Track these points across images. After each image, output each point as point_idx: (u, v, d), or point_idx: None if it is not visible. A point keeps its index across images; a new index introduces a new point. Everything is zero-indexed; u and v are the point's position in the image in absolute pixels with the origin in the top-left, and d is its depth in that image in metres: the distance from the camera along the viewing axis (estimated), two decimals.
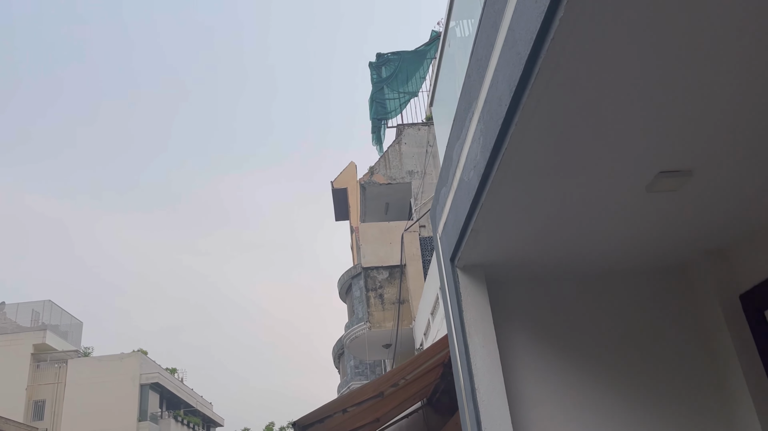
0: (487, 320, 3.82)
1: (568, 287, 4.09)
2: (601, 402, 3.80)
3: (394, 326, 15.66)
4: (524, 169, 2.83)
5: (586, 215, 3.36)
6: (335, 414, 7.54)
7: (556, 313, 4.02)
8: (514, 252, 3.77)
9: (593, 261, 3.98)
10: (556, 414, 3.76)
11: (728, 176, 3.06)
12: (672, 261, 4.08)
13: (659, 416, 3.76)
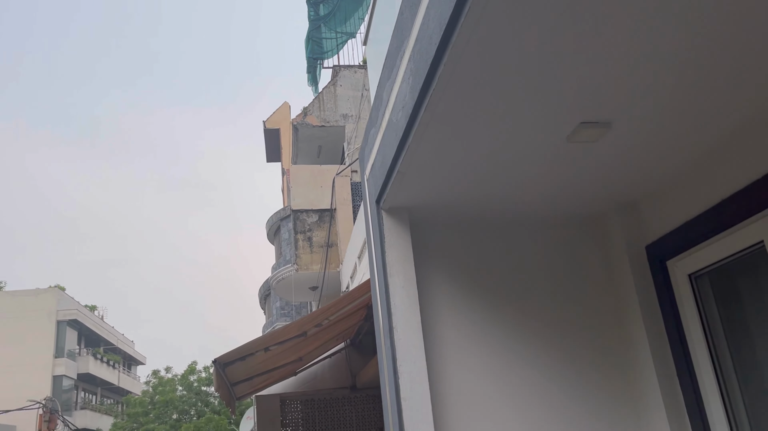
0: (408, 262, 3.89)
1: (487, 233, 4.20)
2: (512, 342, 3.98)
3: (321, 269, 15.75)
4: (451, 112, 2.84)
5: (509, 162, 3.43)
6: (257, 352, 7.58)
7: (474, 258, 4.14)
8: (438, 196, 3.82)
9: (513, 208, 4.10)
10: (468, 352, 3.92)
11: (642, 130, 3.19)
12: (587, 212, 4.25)
13: (564, 355, 3.98)
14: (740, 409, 3.44)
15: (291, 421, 10.35)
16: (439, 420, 3.70)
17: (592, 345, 4.04)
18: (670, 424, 3.64)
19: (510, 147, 3.25)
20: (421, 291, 3.89)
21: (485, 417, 3.78)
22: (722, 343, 3.58)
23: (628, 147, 3.35)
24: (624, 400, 3.94)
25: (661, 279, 3.86)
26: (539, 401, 3.87)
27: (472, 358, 3.91)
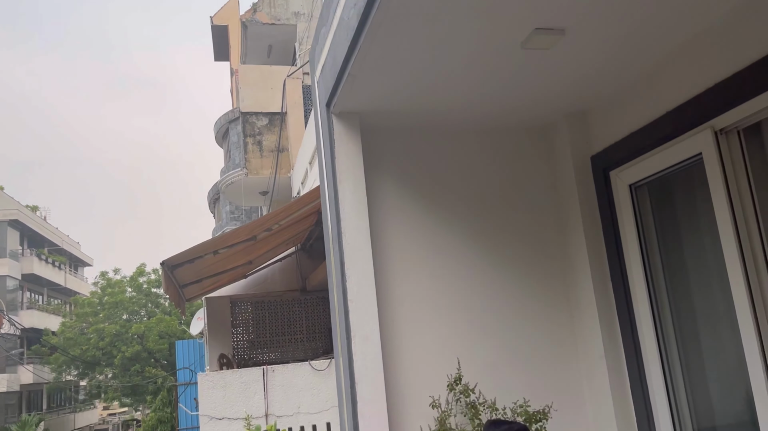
0: (358, 167, 3.88)
1: (436, 140, 4.20)
2: (457, 248, 4.09)
3: (271, 174, 15.59)
4: (404, 13, 2.75)
5: (461, 68, 3.38)
6: (206, 255, 7.59)
7: (423, 165, 4.16)
8: (389, 102, 3.76)
9: (464, 116, 4.09)
10: (414, 257, 4.01)
11: (595, 38, 3.17)
12: (536, 122, 4.28)
13: (507, 260, 4.13)
14: (666, 311, 3.68)
15: (241, 322, 10.57)
16: (384, 320, 3.84)
17: (534, 251, 4.20)
18: (600, 323, 3.87)
19: (464, 51, 3.19)
20: (370, 197, 3.91)
21: (429, 318, 3.94)
22: (655, 251, 3.76)
23: (581, 56, 3.34)
24: (560, 303, 4.15)
25: (604, 188, 3.97)
26: (482, 303, 4.04)
27: (418, 262, 4.01)
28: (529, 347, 4.02)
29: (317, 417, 7.34)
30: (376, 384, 3.68)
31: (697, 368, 3.52)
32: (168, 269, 7.33)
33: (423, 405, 3.75)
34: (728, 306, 3.18)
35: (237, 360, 10.13)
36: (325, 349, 10.29)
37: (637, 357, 3.78)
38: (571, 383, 4.03)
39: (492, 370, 3.91)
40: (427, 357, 3.86)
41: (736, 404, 3.28)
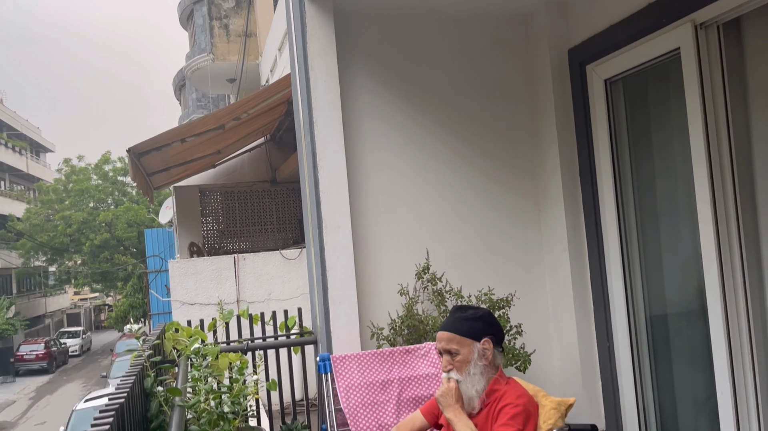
0: (330, 53, 3.76)
1: (413, 26, 4.06)
2: (430, 140, 4.07)
3: (239, 60, 15.01)
4: None
5: None
6: (173, 143, 7.44)
7: (398, 52, 4.04)
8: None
9: (441, 2, 3.93)
10: (387, 147, 3.99)
11: None
12: (516, 10, 4.15)
13: (479, 154, 4.14)
14: (630, 207, 3.78)
15: (211, 211, 10.58)
16: (356, 211, 3.87)
17: (506, 145, 4.20)
18: (566, 217, 3.97)
19: None
20: (342, 86, 3.81)
21: (400, 209, 3.98)
22: (624, 148, 3.80)
23: None
24: (528, 196, 4.22)
25: (579, 83, 3.94)
26: (452, 194, 4.08)
27: (390, 153, 3.99)
28: (496, 238, 4.13)
29: (288, 303, 7.55)
30: (346, 272, 3.77)
31: (655, 261, 3.68)
32: (135, 156, 7.19)
33: (392, 293, 3.88)
34: (690, 204, 3.28)
35: (207, 249, 10.24)
36: (295, 239, 10.43)
37: (599, 251, 3.92)
38: (534, 273, 4.18)
39: (459, 260, 4.03)
40: (396, 247, 3.94)
41: (687, 295, 3.46)
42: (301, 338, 4.07)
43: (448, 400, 2.15)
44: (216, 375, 3.07)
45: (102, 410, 1.69)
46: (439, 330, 2.29)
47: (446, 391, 2.17)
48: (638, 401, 3.70)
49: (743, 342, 2.99)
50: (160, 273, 16.20)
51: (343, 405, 2.99)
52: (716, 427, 3.15)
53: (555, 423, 2.08)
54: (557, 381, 4.07)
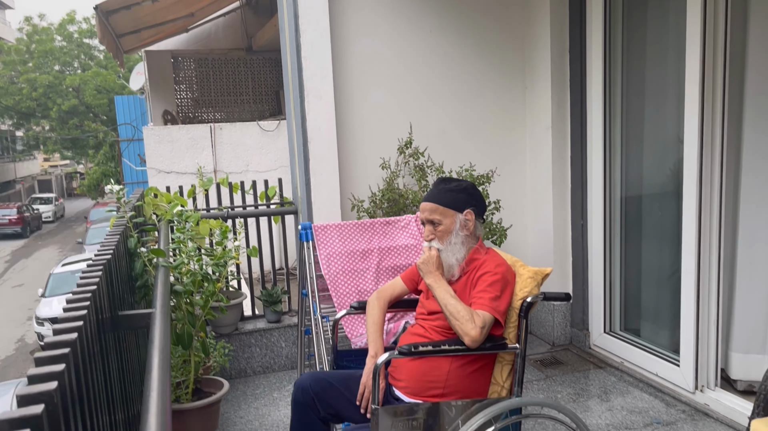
0: None
1: None
2: (417, 8, 3.89)
3: None
4: None
5: None
6: (144, 2, 7.01)
7: None
8: None
9: None
10: (372, 12, 3.81)
11: None
12: None
13: (467, 27, 3.99)
14: (617, 88, 3.73)
15: (184, 79, 10.22)
16: (339, 80, 3.76)
17: (496, 19, 4.05)
18: (552, 96, 3.92)
19: None
20: None
21: (384, 80, 3.88)
22: (618, 27, 3.69)
23: None
24: (516, 74, 4.13)
25: None
26: (439, 68, 3.97)
27: (377, 21, 3.82)
28: (480, 114, 4.09)
29: (266, 175, 7.54)
30: (328, 143, 3.73)
31: (636, 143, 3.69)
32: (102, 15, 6.79)
33: (373, 166, 3.87)
34: (678, 86, 3.24)
35: (182, 118, 10.00)
36: (272, 111, 10.22)
37: (582, 131, 3.91)
38: (516, 151, 4.19)
39: (442, 135, 4.00)
40: (379, 120, 3.88)
41: (663, 177, 3.52)
42: (281, 208, 4.09)
43: (429, 267, 2.21)
44: (197, 239, 3.09)
45: (89, 265, 1.70)
46: (423, 200, 2.31)
47: (427, 259, 2.23)
48: (605, 276, 3.88)
49: (713, 223, 3.09)
50: (132, 142, 15.91)
51: (323, 271, 3.07)
52: (677, 302, 3.33)
53: (531, 291, 2.16)
54: (530, 255, 4.22)
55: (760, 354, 3.15)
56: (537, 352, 4.06)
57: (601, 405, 3.27)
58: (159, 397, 1.13)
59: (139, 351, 2.51)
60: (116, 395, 1.70)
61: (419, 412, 2.00)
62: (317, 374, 2.32)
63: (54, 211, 33.54)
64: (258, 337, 3.95)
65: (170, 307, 2.29)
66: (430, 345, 2.03)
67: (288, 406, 3.46)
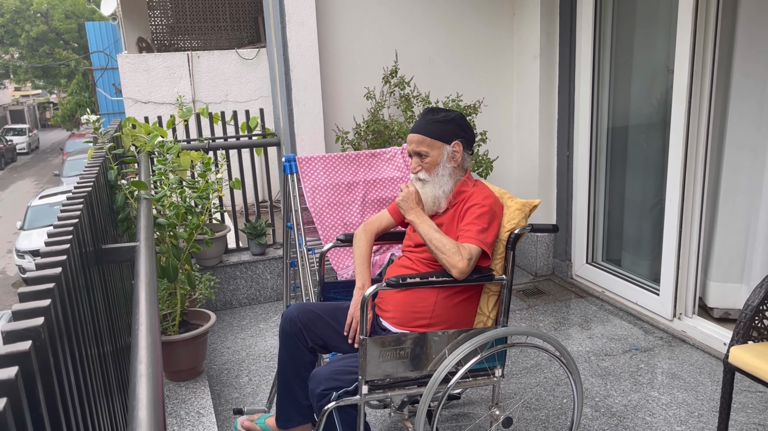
0: None
1: None
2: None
3: None
4: None
5: None
6: None
7: None
8: None
9: None
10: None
11: None
12: None
13: None
14: (608, 13, 3.64)
15: (158, 4, 9.77)
16: (321, 5, 3.62)
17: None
18: (540, 23, 3.82)
19: None
20: None
21: (368, 6, 3.73)
22: None
23: None
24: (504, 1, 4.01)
25: None
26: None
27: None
28: (467, 43, 3.98)
29: (246, 105, 7.37)
30: (311, 71, 3.62)
31: (625, 73, 3.64)
32: None
33: (357, 96, 3.78)
34: (671, 13, 3.16)
35: (157, 46, 9.64)
36: (250, 39, 9.88)
37: (570, 60, 3.84)
38: (503, 80, 4.11)
39: (428, 64, 3.90)
40: (363, 48, 3.77)
41: (651, 108, 3.49)
42: (264, 139, 4.01)
43: (409, 204, 2.19)
44: (178, 171, 3.03)
45: (69, 197, 1.65)
46: (410, 132, 2.25)
47: (406, 196, 2.20)
48: (589, 207, 3.90)
49: (699, 152, 3.09)
50: (106, 71, 15.42)
51: (308, 204, 3.04)
52: (658, 232, 3.37)
53: (518, 223, 2.16)
54: (514, 187, 4.22)
55: (737, 283, 3.23)
56: (520, 282, 4.12)
57: (582, 333, 3.36)
58: (148, 331, 1.11)
59: (123, 283, 2.49)
60: (103, 328, 1.69)
61: (406, 342, 2.03)
62: (304, 305, 2.33)
63: (28, 143, 32.82)
64: (243, 270, 3.95)
65: (154, 240, 2.26)
66: (418, 277, 2.03)
67: (274, 337, 3.50)
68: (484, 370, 2.16)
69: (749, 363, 1.97)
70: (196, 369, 2.88)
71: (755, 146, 3.03)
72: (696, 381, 2.82)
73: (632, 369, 2.96)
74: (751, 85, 3.00)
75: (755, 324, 2.08)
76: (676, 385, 2.79)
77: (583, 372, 2.94)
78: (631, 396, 2.73)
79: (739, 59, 3.01)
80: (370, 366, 1.98)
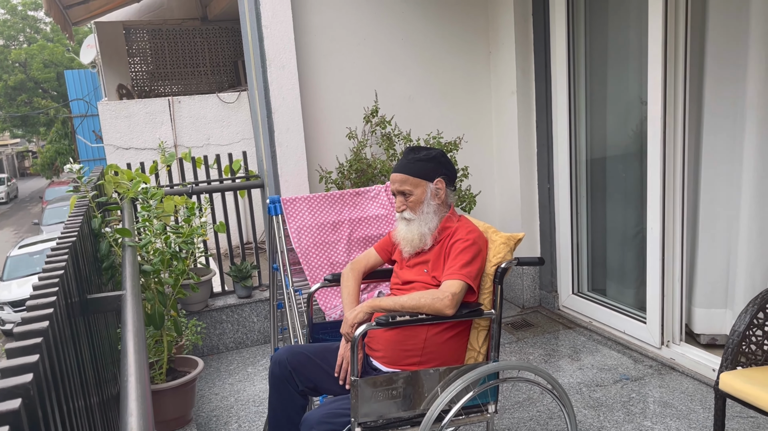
0: None
1: None
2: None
3: None
4: None
5: None
6: None
7: None
8: None
9: None
10: None
11: None
12: None
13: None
14: (581, 50, 3.74)
15: (138, 51, 9.88)
16: (302, 49, 3.68)
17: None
18: (516, 60, 3.91)
19: None
20: None
21: (348, 48, 3.80)
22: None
23: None
24: (480, 38, 4.10)
25: None
26: (402, 34, 3.91)
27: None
28: (446, 80, 4.06)
29: (228, 148, 7.40)
30: (293, 114, 3.66)
31: (600, 105, 3.72)
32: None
33: (340, 136, 3.82)
34: (641, 48, 3.26)
35: (137, 92, 9.70)
36: (230, 83, 9.98)
37: (547, 94, 3.92)
38: (482, 116, 4.19)
39: (408, 103, 3.97)
40: (344, 89, 3.82)
41: (627, 139, 3.56)
42: (247, 181, 4.02)
43: (355, 321, 2.05)
44: (162, 217, 3.02)
45: (54, 248, 1.64)
46: (393, 171, 2.28)
47: (343, 353, 2.16)
48: (572, 238, 3.93)
49: (676, 181, 3.15)
50: (86, 118, 15.41)
51: (294, 245, 3.04)
52: (642, 261, 3.41)
53: (504, 256, 2.17)
54: (498, 220, 4.25)
55: (721, 308, 3.26)
56: (508, 315, 4.12)
57: (572, 365, 3.35)
58: (138, 382, 1.10)
59: (109, 332, 2.45)
60: (90, 379, 1.66)
61: (398, 381, 2.01)
62: (294, 347, 2.31)
63: (7, 192, 32.46)
64: (229, 313, 3.91)
65: (140, 288, 2.24)
66: (407, 315, 2.03)
67: (263, 381, 3.45)
68: (477, 407, 2.14)
69: (739, 389, 1.98)
70: (184, 417, 2.83)
71: (730, 173, 3.10)
72: (688, 408, 2.82)
73: (624, 399, 2.95)
74: (722, 115, 3.08)
75: (743, 350, 2.10)
76: (669, 414, 2.79)
77: (576, 404, 2.93)
78: (625, 426, 2.72)
79: (709, 89, 3.10)
80: (362, 408, 1.96)
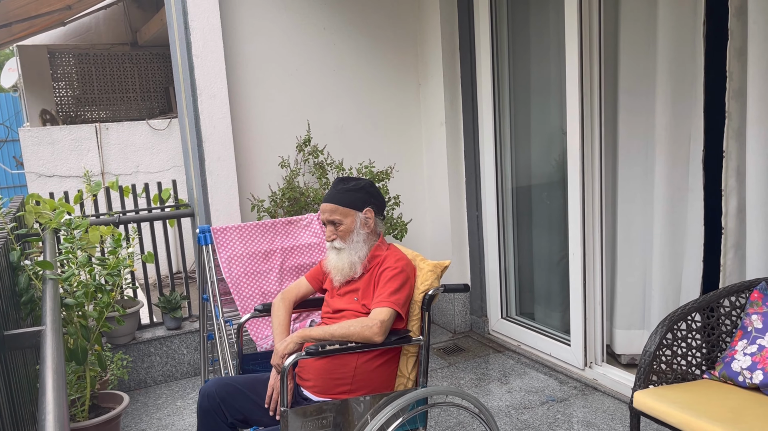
0: None
1: None
2: (310, 5, 3.88)
3: None
4: None
5: None
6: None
7: None
8: None
9: None
10: (264, 10, 3.76)
11: None
12: None
13: (362, 24, 4.03)
14: (505, 85, 3.91)
15: (64, 76, 9.59)
16: (233, 79, 3.69)
17: (389, 16, 4.11)
18: (444, 92, 4.05)
19: None
20: None
21: (279, 78, 3.84)
22: (503, 25, 3.86)
23: None
24: (409, 70, 4.23)
25: None
26: (333, 65, 3.99)
27: (269, 18, 3.77)
28: (377, 111, 4.15)
29: (158, 176, 7.24)
30: (224, 143, 3.65)
31: (524, 136, 3.89)
32: None
33: (272, 165, 3.83)
34: (560, 82, 3.45)
35: (62, 117, 9.38)
36: (161, 109, 9.81)
37: (474, 126, 4.07)
38: (413, 146, 4.29)
39: (340, 132, 4.03)
40: (276, 118, 3.85)
41: (549, 168, 3.74)
42: (177, 210, 3.96)
43: (285, 352, 2.06)
44: (87, 248, 2.94)
45: None
46: (323, 201, 2.32)
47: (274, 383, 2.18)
48: (500, 264, 4.06)
49: (595, 209, 3.32)
50: (6, 144, 14.75)
51: (225, 275, 3.01)
52: (566, 285, 3.55)
53: (431, 284, 2.24)
54: (429, 248, 4.34)
55: (640, 329, 3.43)
56: (439, 341, 4.19)
57: (501, 388, 3.44)
58: (56, 420, 1.08)
59: (27, 369, 2.36)
60: (6, 419, 1.59)
61: (328, 411, 2.02)
62: (223, 379, 2.28)
63: None
64: (158, 346, 3.81)
65: (61, 322, 2.17)
66: (337, 343, 2.05)
67: (193, 414, 3.37)
68: None
69: (651, 407, 2.10)
70: None
71: (644, 200, 3.30)
72: (609, 427, 2.94)
73: (550, 420, 3.05)
74: (635, 146, 3.29)
75: (654, 369, 2.23)
76: None
77: (504, 427, 3.01)
78: None
79: (623, 123, 3.30)
80: None
